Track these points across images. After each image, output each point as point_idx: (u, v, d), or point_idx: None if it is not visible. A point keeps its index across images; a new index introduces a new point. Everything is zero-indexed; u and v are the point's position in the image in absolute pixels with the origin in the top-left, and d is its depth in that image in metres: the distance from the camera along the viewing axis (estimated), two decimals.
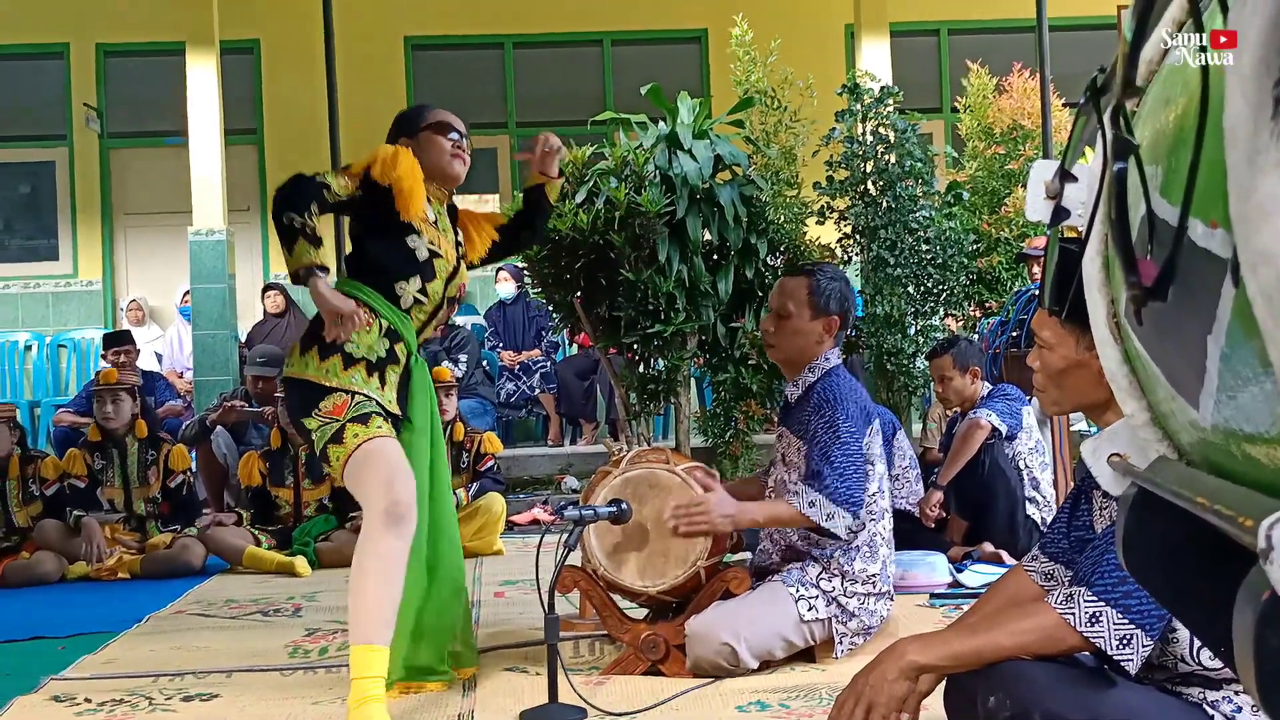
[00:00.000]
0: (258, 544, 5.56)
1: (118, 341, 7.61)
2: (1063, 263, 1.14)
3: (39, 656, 3.80)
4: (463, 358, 8.05)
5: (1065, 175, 1.06)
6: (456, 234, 3.29)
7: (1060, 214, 1.07)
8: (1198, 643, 1.88)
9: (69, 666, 3.60)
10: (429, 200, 3.16)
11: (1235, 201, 0.65)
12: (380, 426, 2.92)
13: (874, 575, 3.32)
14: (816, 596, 3.25)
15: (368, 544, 2.86)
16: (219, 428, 7.05)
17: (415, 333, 3.13)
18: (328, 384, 2.94)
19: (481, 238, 3.45)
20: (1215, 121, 0.70)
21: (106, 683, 3.40)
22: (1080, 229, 1.09)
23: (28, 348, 9.94)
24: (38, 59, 10.46)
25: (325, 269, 2.88)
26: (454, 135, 3.22)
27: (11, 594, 5.21)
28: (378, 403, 2.97)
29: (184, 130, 9.10)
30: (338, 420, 2.90)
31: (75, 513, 5.65)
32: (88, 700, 3.20)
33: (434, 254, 3.12)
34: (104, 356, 7.69)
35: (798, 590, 3.24)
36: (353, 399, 2.93)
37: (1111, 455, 1.16)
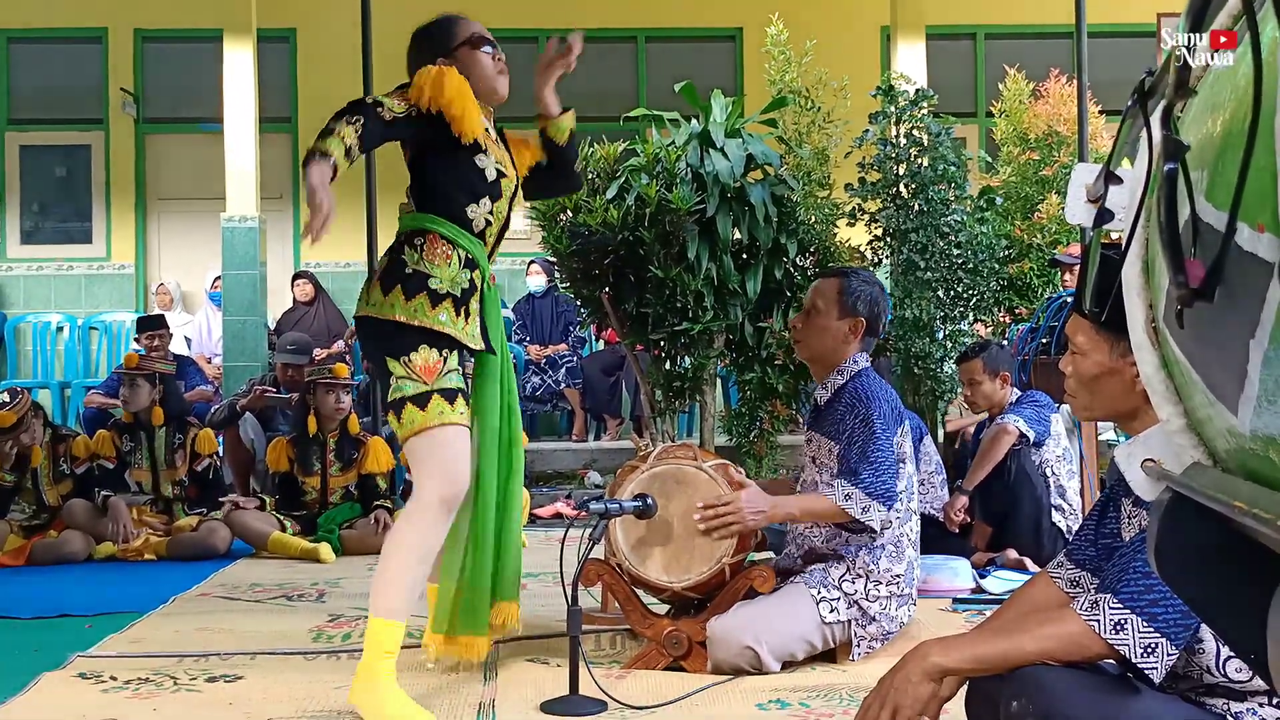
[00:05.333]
0: (283, 529, 5.60)
1: (148, 326, 7.66)
2: (1104, 267, 1.14)
3: (66, 634, 3.84)
4: None
5: (1110, 177, 1.06)
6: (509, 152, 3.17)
7: (1104, 216, 1.07)
8: (1224, 654, 1.87)
9: (96, 645, 3.63)
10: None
11: None
12: (462, 413, 2.91)
13: (899, 575, 3.32)
14: (838, 598, 3.25)
15: (416, 522, 2.85)
16: (247, 414, 7.10)
17: (487, 256, 3.06)
18: (416, 323, 2.87)
19: (522, 161, 3.26)
20: (1267, 126, 0.70)
21: (132, 661, 3.43)
22: (1119, 233, 1.09)
23: (59, 329, 10.04)
24: (76, 43, 10.56)
25: (335, 163, 2.64)
26: (489, 49, 3.06)
27: (40, 572, 5.27)
28: (460, 350, 2.93)
29: (219, 117, 9.17)
30: (426, 385, 2.86)
31: (103, 493, 5.71)
32: (113, 678, 3.24)
33: (501, 174, 3.03)
34: (136, 340, 7.76)
35: (819, 592, 3.24)
36: (444, 363, 2.89)
37: (1145, 460, 1.16)
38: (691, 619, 3.25)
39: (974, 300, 6.71)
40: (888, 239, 6.76)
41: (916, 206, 6.61)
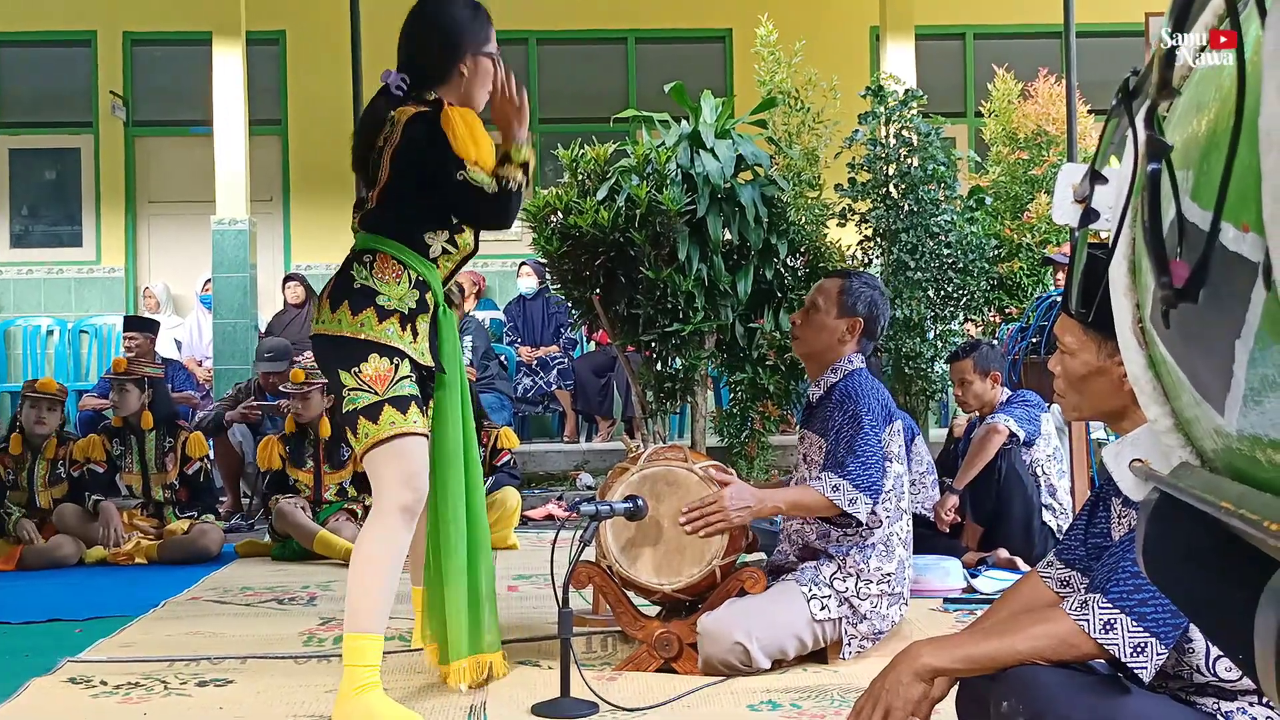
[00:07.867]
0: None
1: (133, 326, 7.55)
2: (1090, 267, 1.14)
3: (56, 638, 3.83)
4: (467, 340, 7.91)
5: (1096, 177, 1.06)
6: None
7: (1089, 216, 1.07)
8: (1213, 653, 1.87)
9: (86, 649, 3.62)
10: None
11: (1269, 204, 0.65)
12: (416, 421, 2.87)
13: (889, 574, 3.32)
14: (829, 596, 3.25)
15: (380, 534, 2.84)
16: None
17: (442, 281, 3.03)
18: (362, 337, 2.86)
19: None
20: (1251, 125, 0.70)
21: (122, 666, 3.43)
22: (1106, 233, 1.09)
23: (50, 333, 10.01)
24: (65, 46, 10.52)
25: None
26: (494, 61, 3.00)
27: (30, 576, 5.25)
28: (411, 361, 2.90)
29: (209, 120, 9.15)
30: (377, 395, 2.85)
31: (94, 497, 5.69)
32: (103, 683, 3.23)
33: None
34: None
35: (810, 589, 3.24)
36: (395, 371, 2.86)
37: (1133, 460, 1.16)
38: (682, 621, 3.25)
39: (964, 300, 6.72)
40: (878, 239, 6.76)
41: (906, 207, 6.62)
